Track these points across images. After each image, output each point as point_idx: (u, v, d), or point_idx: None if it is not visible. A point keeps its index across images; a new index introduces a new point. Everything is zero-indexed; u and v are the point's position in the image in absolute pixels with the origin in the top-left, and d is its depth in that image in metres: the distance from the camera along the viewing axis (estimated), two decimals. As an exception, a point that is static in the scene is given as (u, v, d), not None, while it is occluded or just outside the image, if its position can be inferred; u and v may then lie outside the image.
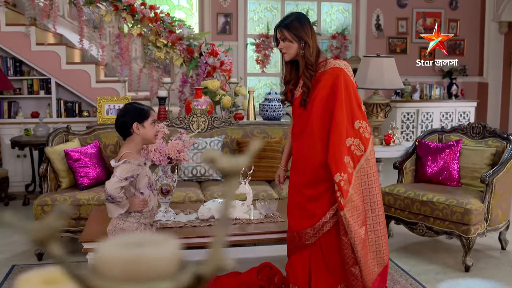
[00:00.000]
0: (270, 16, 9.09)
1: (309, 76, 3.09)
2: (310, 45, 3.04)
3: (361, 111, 3.08)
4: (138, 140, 2.98)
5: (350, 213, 2.94)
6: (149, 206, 3.00)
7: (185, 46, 6.47)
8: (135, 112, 2.96)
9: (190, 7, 8.91)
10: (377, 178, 3.11)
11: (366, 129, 3.07)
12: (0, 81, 6.14)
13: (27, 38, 6.37)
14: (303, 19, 3.11)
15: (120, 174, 2.84)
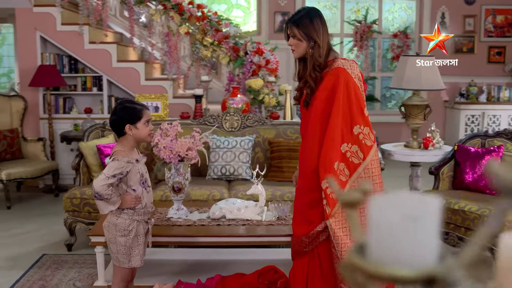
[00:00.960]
0: (329, 14, 8.92)
1: (314, 77, 2.93)
2: (319, 44, 2.87)
3: (363, 115, 2.86)
4: (130, 139, 2.99)
5: (339, 224, 2.78)
6: (142, 203, 3.00)
7: (231, 45, 6.48)
8: (127, 113, 2.96)
9: (248, 5, 8.91)
10: (380, 190, 2.90)
11: (368, 135, 2.86)
12: (54, 78, 6.42)
13: (81, 37, 6.62)
14: (314, 15, 2.92)
15: (108, 171, 2.86)
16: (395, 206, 0.69)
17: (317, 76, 2.89)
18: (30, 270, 4.18)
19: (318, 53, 2.86)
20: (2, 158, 6.01)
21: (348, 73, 2.86)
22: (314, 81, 2.89)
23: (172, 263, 3.89)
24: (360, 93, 2.87)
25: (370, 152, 2.84)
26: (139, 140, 3.05)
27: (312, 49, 2.89)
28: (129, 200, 2.95)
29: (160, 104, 5.49)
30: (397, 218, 0.67)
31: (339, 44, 8.85)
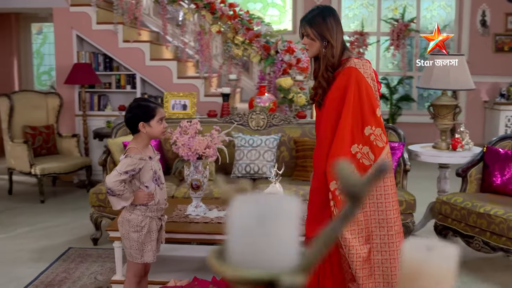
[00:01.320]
0: (365, 12, 8.81)
1: (326, 78, 2.89)
2: (332, 44, 2.82)
3: (375, 116, 2.78)
4: (144, 137, 3.03)
5: (349, 227, 2.75)
6: (155, 199, 3.04)
7: (262, 43, 6.48)
8: (140, 111, 3.00)
9: (283, 4, 8.89)
10: (393, 193, 2.81)
11: (379, 137, 2.78)
12: (89, 76, 6.57)
13: (115, 36, 6.74)
14: (327, 14, 2.86)
15: (120, 168, 2.91)
16: (250, 207, 0.67)
17: (329, 76, 2.85)
18: (56, 262, 4.29)
19: (331, 53, 2.81)
20: (37, 154, 6.19)
21: (360, 72, 2.81)
22: (326, 81, 2.86)
23: (189, 260, 3.92)
24: (372, 93, 2.81)
25: (381, 154, 2.77)
26: (152, 137, 3.09)
27: (325, 49, 2.85)
28: (142, 197, 2.99)
29: (188, 102, 5.54)
30: (251, 219, 0.66)
31: (375, 43, 8.74)
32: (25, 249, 4.60)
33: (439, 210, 4.40)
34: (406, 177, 4.71)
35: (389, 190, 2.80)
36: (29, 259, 4.39)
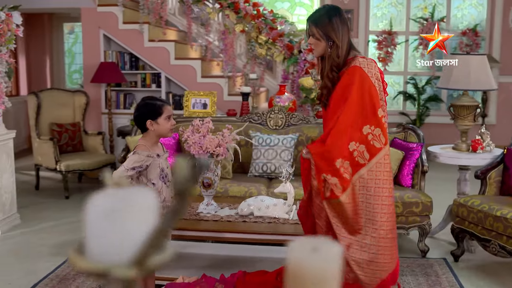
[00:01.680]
0: (394, 12, 8.70)
1: (331, 78, 2.90)
2: (338, 45, 2.83)
3: (376, 116, 2.78)
4: (152, 134, 3.08)
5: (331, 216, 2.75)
6: (161, 197, 3.08)
7: (286, 43, 6.47)
8: (148, 109, 3.05)
9: (311, 3, 8.85)
10: (385, 196, 2.79)
11: (378, 137, 2.78)
12: (114, 75, 6.69)
13: (141, 35, 6.84)
14: (333, 14, 2.87)
15: (127, 164, 2.97)
16: (105, 201, 0.69)
17: (334, 77, 2.86)
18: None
19: (336, 53, 2.83)
20: (63, 150, 6.33)
21: (365, 72, 2.80)
22: (331, 81, 2.87)
23: (199, 257, 3.96)
24: (376, 93, 2.80)
25: (377, 155, 2.77)
26: (160, 135, 3.13)
27: (330, 49, 2.86)
28: (147, 194, 3.03)
29: (208, 101, 5.58)
30: (102, 213, 0.67)
31: (404, 43, 8.62)
32: (46, 244, 4.71)
33: (456, 212, 4.32)
34: (424, 179, 4.64)
35: (380, 192, 2.77)
36: (48, 254, 4.50)
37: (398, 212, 4.40)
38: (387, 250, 2.82)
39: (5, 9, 4.73)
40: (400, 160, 4.62)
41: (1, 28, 4.65)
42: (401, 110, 8.69)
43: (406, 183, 4.63)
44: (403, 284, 3.91)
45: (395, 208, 4.36)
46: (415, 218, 4.43)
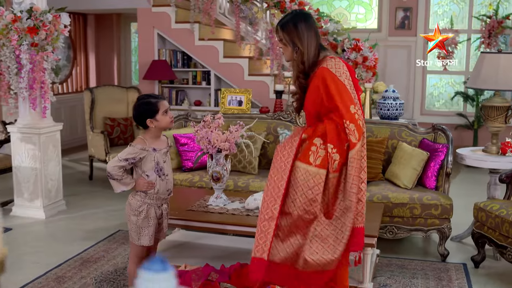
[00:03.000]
0: (456, 9, 8.42)
1: (299, 84, 2.96)
2: (302, 51, 2.87)
3: (349, 112, 2.81)
4: (154, 130, 3.25)
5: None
6: (155, 189, 3.25)
7: (330, 41, 6.48)
8: (144, 108, 3.22)
9: (369, 2, 8.75)
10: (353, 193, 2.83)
11: (353, 132, 2.80)
12: (165, 72, 6.99)
13: (192, 34, 7.10)
14: (299, 19, 2.90)
15: (121, 155, 3.17)
16: None
17: (301, 83, 2.92)
18: (101, 242, 4.69)
19: (300, 59, 2.88)
20: (114, 143, 6.71)
21: (332, 72, 2.84)
22: (299, 87, 2.94)
23: (205, 248, 4.11)
24: (347, 90, 2.83)
25: (352, 150, 2.81)
26: (162, 129, 3.29)
27: (296, 54, 2.91)
28: (142, 184, 3.23)
29: (244, 99, 5.72)
30: None
31: (466, 41, 8.32)
32: (82, 229, 5.06)
33: (476, 216, 4.19)
34: (448, 181, 4.52)
35: (348, 187, 2.80)
36: (81, 238, 4.83)
37: (417, 214, 4.33)
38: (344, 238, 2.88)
39: (52, 10, 5.11)
40: (425, 161, 4.53)
41: (48, 29, 5.03)
42: (460, 111, 8.40)
43: (430, 185, 4.54)
44: (411, 286, 3.86)
45: (413, 209, 4.32)
46: (434, 220, 4.34)
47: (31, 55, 5.00)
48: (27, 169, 5.34)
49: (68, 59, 9.13)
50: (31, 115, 5.30)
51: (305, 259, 2.86)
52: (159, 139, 3.33)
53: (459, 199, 5.44)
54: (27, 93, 5.07)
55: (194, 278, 3.50)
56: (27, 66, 4.98)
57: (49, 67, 5.14)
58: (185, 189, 4.70)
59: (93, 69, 9.64)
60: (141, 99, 3.31)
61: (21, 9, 5.02)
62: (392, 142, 4.94)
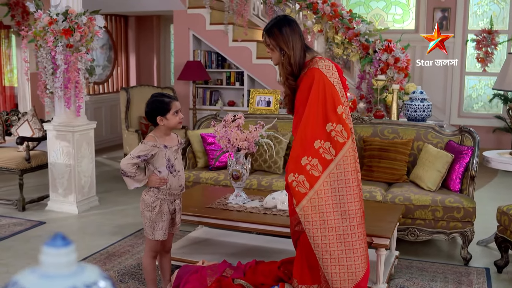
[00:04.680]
0: (496, 9, 8.23)
1: (289, 85, 3.05)
2: (289, 54, 2.96)
3: (335, 113, 2.86)
4: (163, 128, 3.36)
5: (309, 218, 2.84)
6: (167, 185, 3.35)
7: (361, 42, 6.47)
8: (156, 106, 3.33)
9: (407, 2, 8.66)
10: (355, 186, 2.89)
11: (340, 133, 2.86)
12: (199, 73, 7.12)
13: (226, 35, 7.21)
14: (283, 24, 3.00)
15: (133, 152, 3.28)
16: None
17: (291, 84, 3.00)
18: (127, 237, 4.84)
19: (287, 62, 2.97)
20: (148, 142, 6.88)
21: (323, 72, 2.91)
22: (289, 88, 3.02)
23: (224, 244, 4.19)
24: (335, 91, 2.91)
25: (342, 149, 2.87)
26: (170, 128, 3.40)
27: (283, 58, 3.00)
28: (154, 180, 3.33)
29: (272, 99, 5.78)
30: None
31: (506, 42, 8.13)
32: (111, 224, 5.23)
33: (499, 220, 4.13)
34: (473, 184, 4.45)
35: (350, 182, 2.88)
36: (110, 232, 5.00)
37: (439, 217, 4.29)
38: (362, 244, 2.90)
39: (87, 13, 5.30)
40: (449, 164, 4.48)
41: (82, 30, 5.22)
42: (499, 114, 8.21)
43: (454, 188, 4.49)
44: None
45: (435, 212, 4.29)
46: (457, 223, 4.28)
47: (66, 56, 5.21)
48: (62, 166, 5.55)
49: (110, 60, 9.40)
50: (65, 114, 5.51)
51: None
52: (169, 137, 3.42)
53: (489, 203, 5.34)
54: (62, 92, 5.28)
55: (209, 274, 3.59)
56: (62, 67, 5.19)
57: (83, 67, 5.33)
58: (209, 187, 4.79)
59: (133, 70, 9.90)
60: (155, 97, 3.42)
61: (57, 12, 5.23)
62: (418, 144, 4.90)
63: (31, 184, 6.49)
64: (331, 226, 2.88)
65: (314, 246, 2.87)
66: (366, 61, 6.45)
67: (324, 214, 2.86)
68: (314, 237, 2.86)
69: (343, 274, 2.89)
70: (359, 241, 2.90)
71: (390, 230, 3.56)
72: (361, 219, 2.92)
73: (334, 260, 2.88)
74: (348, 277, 2.89)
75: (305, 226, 2.88)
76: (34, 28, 5.27)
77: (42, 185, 6.34)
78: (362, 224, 2.93)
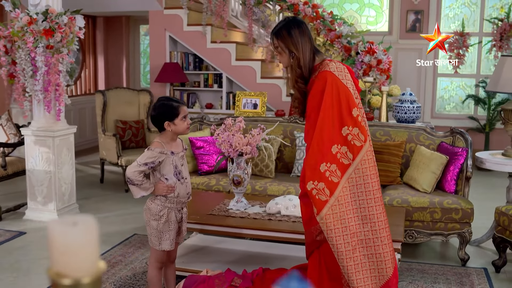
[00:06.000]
0: (467, 12, 8.38)
1: (299, 88, 2.97)
2: (298, 56, 2.90)
3: (351, 116, 2.81)
4: (169, 134, 3.22)
5: (331, 225, 2.77)
6: (175, 193, 3.21)
7: (343, 44, 6.45)
8: (165, 110, 3.18)
9: (380, 4, 8.72)
10: (376, 190, 2.83)
11: (357, 136, 2.81)
12: (177, 75, 6.96)
13: (204, 37, 7.07)
14: (292, 26, 2.94)
15: (140, 159, 3.12)
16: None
17: (300, 88, 2.94)
18: (117, 246, 4.65)
19: (297, 64, 2.90)
20: (126, 146, 6.68)
21: (335, 75, 2.85)
22: (299, 91, 2.95)
23: (226, 252, 4.07)
24: (349, 94, 2.85)
25: (360, 153, 2.81)
26: (178, 134, 3.26)
27: (292, 60, 2.93)
28: (161, 188, 3.18)
29: (259, 102, 5.68)
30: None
31: (477, 44, 8.28)
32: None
33: (497, 221, 4.16)
34: (468, 185, 4.48)
35: (370, 187, 2.83)
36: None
37: (437, 218, 4.29)
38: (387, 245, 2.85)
39: (68, 13, 5.08)
40: (444, 165, 4.50)
41: (63, 31, 5.00)
42: (471, 114, 8.36)
43: (450, 189, 4.50)
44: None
45: (433, 213, 4.29)
46: (455, 225, 4.30)
47: (46, 57, 4.97)
48: (41, 172, 5.30)
49: (78, 62, 9.10)
50: (45, 118, 5.27)
51: None
52: (175, 142, 3.29)
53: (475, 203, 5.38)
54: (42, 95, 5.04)
55: (217, 284, 3.47)
56: (42, 69, 4.95)
57: (64, 69, 5.10)
58: (202, 193, 4.66)
59: (101, 72, 9.62)
60: (163, 100, 3.27)
61: (36, 11, 4.99)
62: (410, 146, 4.90)
63: (5, 192, 6.18)
64: (353, 232, 2.82)
65: (338, 254, 2.80)
66: (349, 63, 6.43)
67: (346, 221, 2.79)
68: (338, 245, 2.78)
69: (366, 279, 2.83)
70: (382, 245, 2.84)
71: (401, 234, 3.52)
72: (384, 223, 2.87)
73: (357, 266, 2.82)
74: (372, 281, 2.84)
75: (327, 235, 2.80)
76: (12, 28, 5.01)
77: (17, 192, 6.06)
78: (387, 228, 2.88)
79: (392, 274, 2.89)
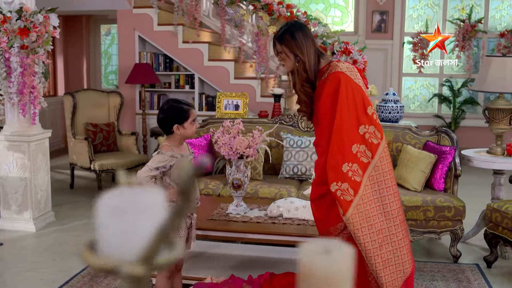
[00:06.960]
0: (430, 13, 8.58)
1: (304, 92, 2.94)
2: (304, 60, 2.86)
3: (366, 115, 2.82)
4: (177, 137, 3.10)
5: (358, 225, 2.76)
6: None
7: (319, 45, 6.45)
8: (175, 113, 3.06)
9: (346, 5, 8.80)
10: (393, 185, 2.87)
11: (373, 134, 2.82)
12: (148, 76, 6.78)
13: (175, 37, 6.92)
14: (295, 30, 2.91)
15: (151, 164, 2.99)
16: (114, 200, 0.70)
17: (307, 92, 2.92)
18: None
19: (303, 68, 2.87)
20: (98, 150, 6.45)
21: (347, 75, 2.84)
22: (305, 95, 2.92)
23: (228, 258, 3.98)
24: (363, 92, 2.86)
25: (378, 150, 2.82)
26: (186, 138, 3.15)
27: (298, 64, 2.90)
28: (171, 194, 3.06)
29: (241, 103, 5.60)
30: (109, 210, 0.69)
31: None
32: (78, 241, 4.80)
33: (489, 217, 4.24)
34: (457, 183, 4.56)
35: (389, 182, 2.85)
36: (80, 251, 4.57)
37: (430, 216, 4.34)
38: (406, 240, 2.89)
39: (43, 11, 4.84)
40: (433, 164, 4.55)
41: (38, 30, 4.76)
42: (436, 113, 8.56)
43: (439, 187, 4.56)
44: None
45: (427, 212, 4.33)
46: (447, 222, 4.36)
47: (21, 58, 4.72)
48: (15, 180, 5.03)
49: (35, 63, 8.73)
50: (19, 122, 5.01)
51: None
52: (182, 146, 3.19)
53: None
54: (17, 98, 4.78)
55: (227, 291, 3.37)
56: (17, 70, 4.70)
57: (40, 71, 4.86)
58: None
59: (61, 73, 9.26)
60: (172, 102, 3.15)
61: (10, 9, 4.73)
62: (397, 145, 4.94)
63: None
64: (378, 229, 2.82)
65: (366, 252, 2.78)
66: (324, 63, 6.43)
67: (371, 218, 2.79)
68: (365, 243, 2.77)
69: (393, 273, 2.86)
70: (403, 238, 2.89)
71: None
72: (402, 217, 2.91)
73: (385, 262, 2.83)
74: (398, 275, 2.86)
75: (354, 235, 2.77)
76: (-17, 28, 4.72)
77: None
78: (404, 222, 2.93)
79: (411, 268, 2.93)
